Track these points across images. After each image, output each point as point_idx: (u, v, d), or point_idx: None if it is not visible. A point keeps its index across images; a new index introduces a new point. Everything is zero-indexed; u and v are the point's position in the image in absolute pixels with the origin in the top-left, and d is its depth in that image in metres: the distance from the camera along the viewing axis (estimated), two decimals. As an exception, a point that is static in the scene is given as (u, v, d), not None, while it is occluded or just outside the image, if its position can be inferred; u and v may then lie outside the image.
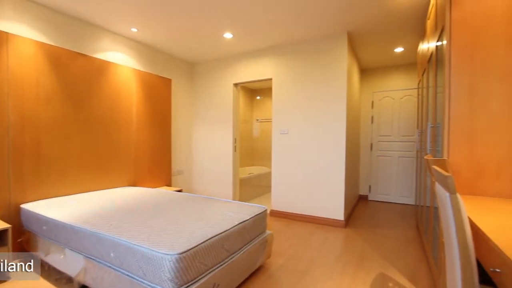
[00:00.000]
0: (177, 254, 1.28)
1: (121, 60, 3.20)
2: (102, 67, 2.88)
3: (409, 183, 4.30)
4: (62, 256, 1.84)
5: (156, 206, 2.14)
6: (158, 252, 1.32)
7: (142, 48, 3.48)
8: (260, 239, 2.02)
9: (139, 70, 3.30)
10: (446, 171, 1.01)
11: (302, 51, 3.38)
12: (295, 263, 2.23)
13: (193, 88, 4.36)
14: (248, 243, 1.89)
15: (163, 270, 1.29)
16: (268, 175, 5.23)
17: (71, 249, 1.79)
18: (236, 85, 4.01)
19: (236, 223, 1.78)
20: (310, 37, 3.26)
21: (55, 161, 2.46)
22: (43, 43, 2.39)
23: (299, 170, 3.42)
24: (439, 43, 1.87)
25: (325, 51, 3.23)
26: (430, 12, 2.22)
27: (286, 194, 3.52)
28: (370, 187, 4.64)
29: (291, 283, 1.92)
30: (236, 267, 1.71)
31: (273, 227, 3.15)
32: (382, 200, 4.55)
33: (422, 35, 2.92)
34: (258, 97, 5.98)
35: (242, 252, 1.79)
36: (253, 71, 3.77)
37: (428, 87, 2.42)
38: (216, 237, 1.56)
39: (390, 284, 1.93)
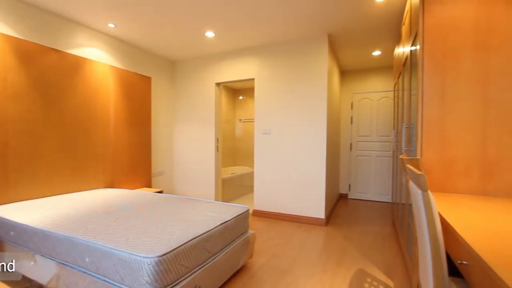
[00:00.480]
0: (157, 256, 1.25)
1: (97, 56, 3.07)
2: (77, 63, 2.75)
3: (386, 181, 4.48)
4: (32, 263, 1.74)
5: (135, 208, 2.07)
6: (137, 256, 1.28)
7: (120, 45, 3.37)
8: (242, 239, 2.02)
9: (117, 68, 3.19)
10: (419, 169, 1.06)
11: (284, 51, 3.42)
12: (277, 262, 2.25)
13: (174, 87, 4.27)
14: (230, 244, 1.89)
15: (141, 274, 1.25)
16: (250, 175, 5.24)
17: (42, 255, 1.69)
18: (218, 84, 3.98)
19: (218, 223, 1.76)
20: (292, 38, 3.31)
21: (25, 162, 2.32)
22: (10, 36, 2.24)
23: (281, 170, 3.45)
24: (413, 48, 1.96)
25: (307, 52, 3.28)
26: (405, 18, 2.32)
27: (268, 194, 3.54)
28: (350, 186, 4.77)
29: (273, 282, 1.94)
30: (218, 268, 1.69)
31: (255, 226, 3.16)
32: (361, 198, 4.70)
33: (398, 40, 3.05)
34: (240, 97, 5.97)
35: (224, 252, 1.78)
36: (235, 71, 3.76)
37: (403, 89, 2.53)
38: (197, 238, 1.53)
39: (368, 279, 2.00)
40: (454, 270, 1.26)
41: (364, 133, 4.65)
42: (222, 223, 1.80)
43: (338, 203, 4.44)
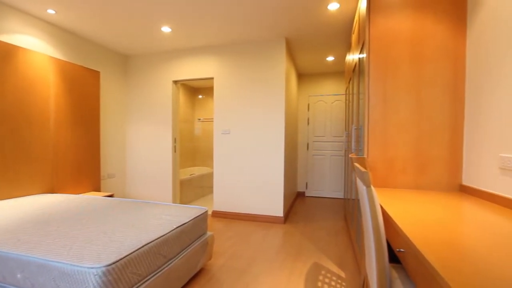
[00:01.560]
0: (104, 266, 1.15)
1: (34, 45, 2.72)
2: (7, 51, 2.40)
3: (339, 179, 4.79)
4: None
5: (80, 215, 1.89)
6: (81, 267, 1.16)
7: (63, 34, 3.03)
8: (200, 241, 1.98)
9: (59, 59, 2.86)
10: (365, 167, 1.15)
11: (244, 52, 3.44)
12: (236, 262, 2.25)
13: (127, 83, 4.00)
14: (187, 247, 1.83)
15: (87, 286, 1.14)
16: (210, 176, 5.16)
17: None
18: (175, 82, 3.83)
19: (174, 227, 1.70)
20: (252, 39, 3.34)
21: None
22: None
23: (240, 169, 3.47)
24: (361, 56, 2.13)
25: (266, 54, 3.35)
26: (355, 28, 2.51)
27: (228, 194, 3.53)
28: (307, 184, 5.00)
29: (232, 282, 1.93)
30: (174, 273, 1.63)
31: (214, 227, 3.12)
32: (317, 196, 4.95)
33: (349, 47, 3.28)
34: (200, 96, 5.84)
35: (181, 256, 1.72)
36: (194, 69, 3.67)
37: (353, 93, 2.73)
38: (152, 243, 1.46)
39: (323, 272, 2.11)
40: (394, 257, 1.40)
41: (319, 133, 4.91)
42: (179, 226, 1.73)
43: (296, 200, 4.61)
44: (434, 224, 0.98)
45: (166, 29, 3.01)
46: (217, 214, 3.55)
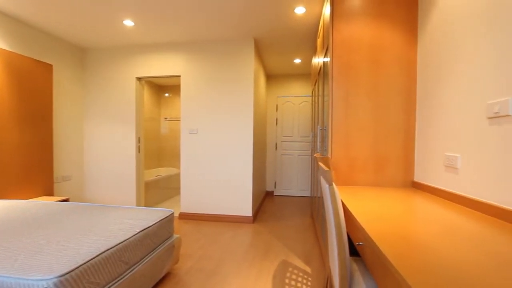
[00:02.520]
0: (56, 277, 1.06)
1: (-29, 32, 2.40)
2: None
3: (306, 178, 4.96)
4: None
5: (28, 222, 1.71)
6: (28, 279, 1.05)
7: (6, 21, 2.72)
8: (166, 245, 1.91)
9: (4, 50, 2.56)
10: (328, 167, 1.20)
11: (212, 50, 3.39)
12: (205, 264, 2.21)
13: (85, 78, 3.71)
14: (152, 251, 1.75)
15: (35, 301, 1.03)
16: (177, 177, 5.00)
17: None
18: (139, 79, 3.65)
19: (137, 231, 1.62)
20: (220, 38, 3.31)
21: None
22: None
23: (208, 170, 3.42)
24: (325, 59, 2.22)
25: (234, 53, 3.34)
26: (320, 32, 2.61)
27: (196, 195, 3.45)
28: (275, 183, 5.08)
29: (200, 284, 1.90)
30: (137, 280, 1.55)
31: (182, 230, 3.03)
32: (285, 195, 5.06)
33: (314, 51, 3.41)
34: (166, 94, 5.64)
35: (144, 262, 1.64)
36: (159, 66, 3.53)
37: (318, 95, 2.84)
38: (111, 250, 1.37)
39: (290, 269, 2.17)
40: (355, 251, 1.48)
41: (287, 133, 5.03)
42: (142, 230, 1.65)
43: (265, 200, 4.67)
44: (389, 218, 1.06)
45: (128, 22, 2.86)
46: (185, 216, 3.46)
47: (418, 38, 1.77)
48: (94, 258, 1.25)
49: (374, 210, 1.19)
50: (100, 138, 3.69)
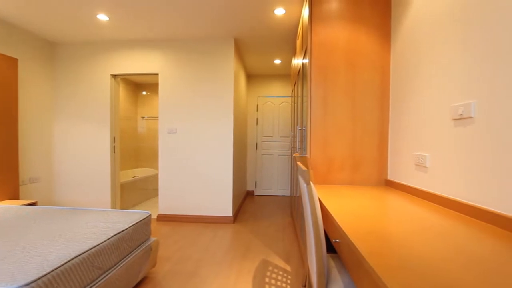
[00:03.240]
0: (21, 286, 0.99)
1: None
2: None
3: (286, 177, 5.02)
4: None
5: (-11, 228, 1.58)
6: (-12, 291, 0.97)
7: (-34, 11, 2.50)
8: (143, 248, 1.85)
9: (-40, 41, 2.36)
10: (306, 166, 1.23)
11: (191, 49, 3.33)
12: (183, 266, 2.17)
13: (55, 74, 3.50)
14: (127, 255, 1.69)
15: (-4, 313, 0.96)
16: (155, 177, 4.87)
17: None
18: (114, 76, 3.51)
19: (112, 234, 1.55)
20: (199, 37, 3.26)
21: None
22: None
23: (187, 170, 3.35)
24: (304, 61, 2.26)
25: (214, 52, 3.30)
26: (299, 34, 2.65)
27: (174, 196, 3.38)
28: (256, 183, 5.10)
29: (178, 287, 1.86)
30: (112, 285, 1.49)
31: (160, 232, 2.96)
32: (266, 194, 5.09)
33: (294, 52, 3.46)
34: (144, 93, 5.46)
35: (119, 266, 1.58)
36: (136, 63, 3.41)
37: (298, 96, 2.89)
38: (83, 255, 1.30)
39: (270, 268, 2.18)
40: (331, 248, 1.52)
41: (268, 133, 5.06)
42: (117, 234, 1.59)
43: (246, 200, 4.67)
44: (364, 215, 1.10)
45: (102, 16, 2.73)
46: (163, 218, 3.37)
47: (391, 42, 1.85)
48: (63, 264, 1.19)
49: (350, 208, 1.23)
50: (72, 138, 3.50)
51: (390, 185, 1.79)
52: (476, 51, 1.06)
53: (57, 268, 1.15)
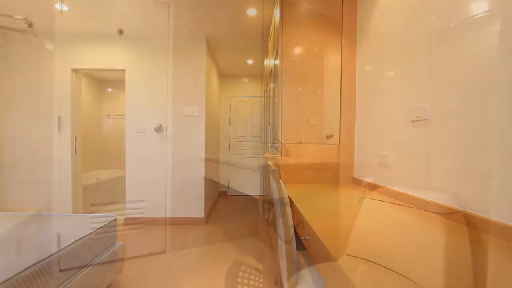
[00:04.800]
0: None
1: None
2: None
3: (259, 177, 5.06)
4: None
5: None
6: None
7: None
8: (107, 254, 1.75)
9: None
10: (277, 166, 1.25)
11: (161, 45, 3.21)
12: (152, 271, 2.09)
13: (5, 67, 3.17)
14: (90, 263, 1.59)
15: None
16: (123, 179, 4.62)
17: None
18: (76, 71, 3.27)
19: (72, 241, 1.45)
20: (170, 33, 3.15)
21: None
22: None
23: (157, 171, 3.24)
24: (276, 62, 2.30)
25: (185, 49, 3.22)
26: (271, 35, 2.69)
27: (143, 198, 3.24)
28: (229, 183, 5.07)
29: (147, 293, 1.79)
30: (72, 296, 1.39)
31: (127, 236, 2.82)
32: (238, 194, 5.09)
33: (266, 53, 3.49)
34: (109, 90, 5.16)
35: (81, 274, 1.47)
36: (100, 58, 3.21)
37: (269, 96, 2.92)
38: (39, 264, 1.20)
39: (243, 268, 2.18)
40: (301, 245, 1.56)
41: (241, 133, 5.06)
42: (78, 240, 1.49)
43: (218, 200, 4.62)
44: (331, 212, 1.14)
45: (61, 6, 2.53)
46: (131, 221, 3.22)
47: (357, 46, 1.94)
48: (16, 275, 1.08)
49: (319, 205, 1.28)
50: (26, 137, 3.19)
51: (357, 182, 1.89)
52: (432, 58, 1.16)
53: (7, 280, 1.04)
